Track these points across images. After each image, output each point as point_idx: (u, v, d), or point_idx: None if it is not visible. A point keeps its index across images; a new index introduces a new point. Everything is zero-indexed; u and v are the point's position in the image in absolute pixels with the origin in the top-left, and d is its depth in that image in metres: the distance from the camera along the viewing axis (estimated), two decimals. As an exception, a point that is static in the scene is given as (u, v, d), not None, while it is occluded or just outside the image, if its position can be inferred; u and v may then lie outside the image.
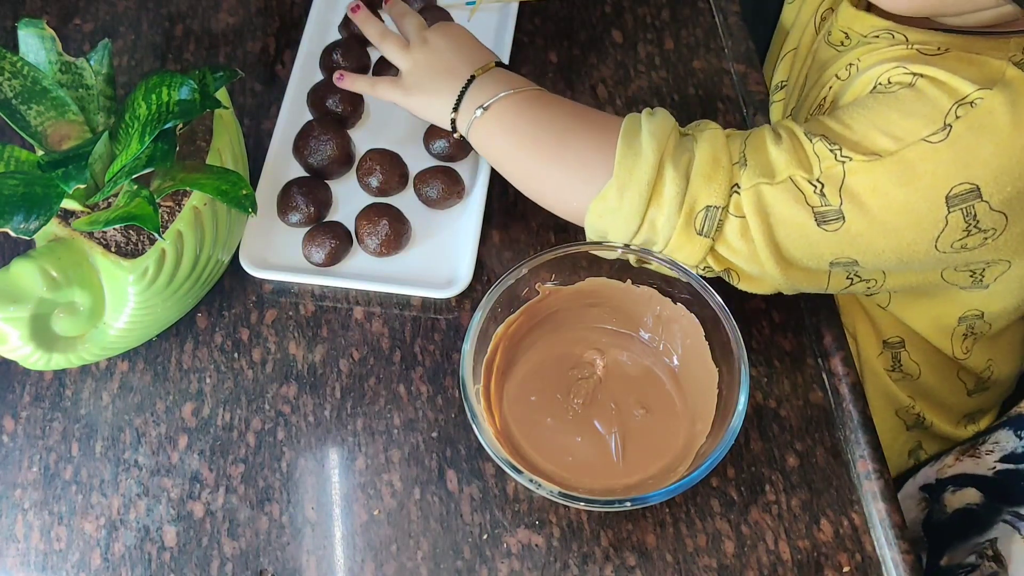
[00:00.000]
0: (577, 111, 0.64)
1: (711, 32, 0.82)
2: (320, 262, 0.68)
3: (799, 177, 0.56)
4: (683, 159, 0.58)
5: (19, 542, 0.61)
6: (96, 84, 0.62)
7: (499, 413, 0.61)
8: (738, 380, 0.55)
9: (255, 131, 0.76)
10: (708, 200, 0.57)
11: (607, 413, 0.61)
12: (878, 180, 0.55)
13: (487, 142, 0.64)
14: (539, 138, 0.62)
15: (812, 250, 0.57)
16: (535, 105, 0.63)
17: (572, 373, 0.62)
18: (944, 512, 0.73)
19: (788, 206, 0.56)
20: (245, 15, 0.83)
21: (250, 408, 0.65)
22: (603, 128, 0.61)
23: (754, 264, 0.58)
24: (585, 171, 0.60)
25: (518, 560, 0.60)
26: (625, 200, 0.58)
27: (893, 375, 0.77)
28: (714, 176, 0.57)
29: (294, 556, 0.60)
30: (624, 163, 0.58)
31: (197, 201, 0.60)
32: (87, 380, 0.66)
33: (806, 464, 0.63)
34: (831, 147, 0.55)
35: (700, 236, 0.58)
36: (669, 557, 0.60)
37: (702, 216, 0.57)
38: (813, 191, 0.56)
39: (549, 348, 0.64)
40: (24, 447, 0.64)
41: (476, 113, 0.63)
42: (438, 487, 0.62)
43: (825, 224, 0.56)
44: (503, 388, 0.62)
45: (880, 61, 0.60)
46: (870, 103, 0.57)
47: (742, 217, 0.57)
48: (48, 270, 0.56)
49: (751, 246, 0.57)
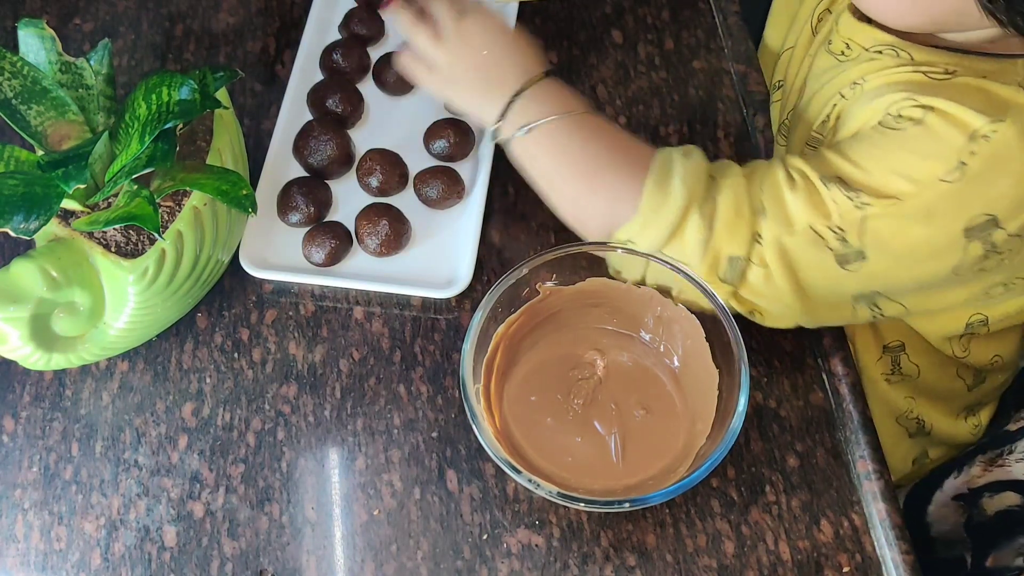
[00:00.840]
0: (617, 142, 0.63)
1: (711, 32, 0.82)
2: (320, 262, 0.68)
3: (819, 225, 0.56)
4: (707, 207, 0.57)
5: (19, 542, 0.61)
6: (96, 84, 0.62)
7: (499, 413, 0.61)
8: (738, 381, 0.55)
9: (255, 131, 0.76)
10: (731, 251, 0.57)
11: (607, 413, 0.61)
12: (898, 222, 0.55)
13: (525, 160, 0.64)
14: (576, 166, 0.62)
15: (836, 288, 0.58)
16: (579, 131, 0.62)
17: (572, 373, 0.62)
18: (985, 514, 0.73)
19: (810, 253, 0.56)
20: (245, 15, 0.83)
21: (250, 408, 0.65)
22: (639, 163, 0.60)
23: (779, 305, 0.59)
24: (616, 204, 0.60)
25: (518, 560, 0.60)
26: (647, 235, 0.58)
27: (892, 378, 0.77)
28: (736, 227, 0.57)
29: (294, 556, 0.60)
30: (651, 202, 0.58)
31: (197, 201, 0.60)
32: (87, 380, 0.66)
33: (806, 464, 0.63)
34: (848, 193, 0.55)
35: (722, 282, 0.58)
36: (669, 557, 0.60)
37: (725, 265, 0.57)
38: (834, 237, 0.56)
39: (550, 348, 0.64)
40: (24, 447, 0.64)
41: (519, 132, 0.62)
42: (438, 487, 0.62)
43: (847, 265, 0.56)
44: (503, 388, 0.62)
45: (887, 85, 0.59)
46: (881, 141, 0.57)
47: (764, 267, 0.57)
48: (48, 270, 0.56)
49: (775, 291, 0.58)
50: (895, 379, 0.77)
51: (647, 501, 0.54)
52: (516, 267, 0.60)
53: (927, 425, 0.79)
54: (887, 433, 0.81)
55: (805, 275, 0.57)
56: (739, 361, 0.56)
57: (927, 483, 0.80)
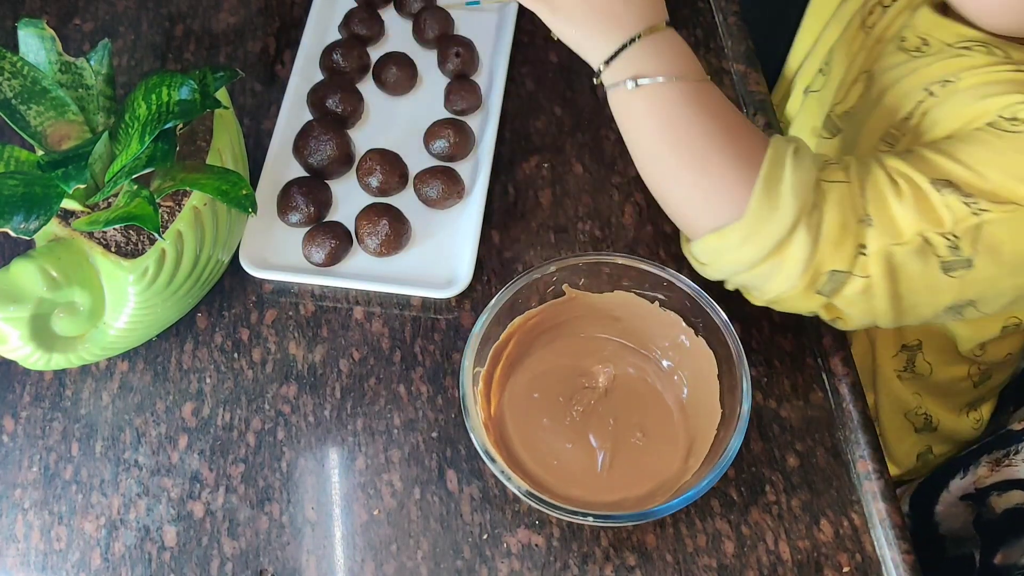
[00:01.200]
0: (731, 124, 0.57)
1: (711, 32, 0.82)
2: (320, 262, 0.68)
3: (929, 232, 0.53)
4: (814, 218, 0.54)
5: (19, 542, 0.61)
6: (96, 84, 0.62)
7: (497, 400, 0.61)
8: (735, 424, 0.55)
9: (255, 131, 0.76)
10: (834, 265, 0.54)
11: (604, 427, 0.61)
12: (1016, 228, 0.53)
13: (625, 116, 0.59)
14: (682, 142, 0.56)
15: (934, 298, 0.56)
16: (692, 102, 0.57)
17: (580, 380, 0.62)
18: (993, 512, 0.73)
19: (917, 263, 0.54)
20: (245, 15, 0.83)
21: (250, 408, 0.65)
22: (749, 157, 0.55)
23: (868, 316, 0.57)
24: (717, 201, 0.56)
25: (518, 560, 0.60)
26: (746, 249, 0.55)
27: (904, 375, 0.77)
28: (842, 242, 0.54)
29: (294, 556, 0.60)
30: (759, 213, 0.54)
31: (197, 201, 0.60)
32: (87, 380, 0.66)
33: (806, 464, 0.63)
34: (965, 199, 0.52)
35: (818, 295, 0.56)
36: (669, 557, 0.60)
37: (825, 279, 0.55)
38: (945, 244, 0.53)
39: (563, 351, 0.63)
40: (24, 447, 0.64)
41: (627, 84, 0.56)
42: (438, 487, 0.62)
43: (951, 272, 0.54)
44: (508, 379, 0.62)
45: (988, 84, 0.57)
46: (997, 144, 0.54)
47: (867, 277, 0.54)
48: (48, 270, 0.56)
49: (871, 301, 0.55)
50: (907, 376, 0.77)
51: (611, 520, 0.54)
52: (545, 264, 0.59)
53: (934, 421, 0.79)
54: (894, 427, 0.81)
55: (907, 284, 0.54)
56: (740, 403, 0.55)
57: (933, 482, 0.80)
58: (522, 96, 0.78)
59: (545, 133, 0.76)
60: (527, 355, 0.63)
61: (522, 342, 0.62)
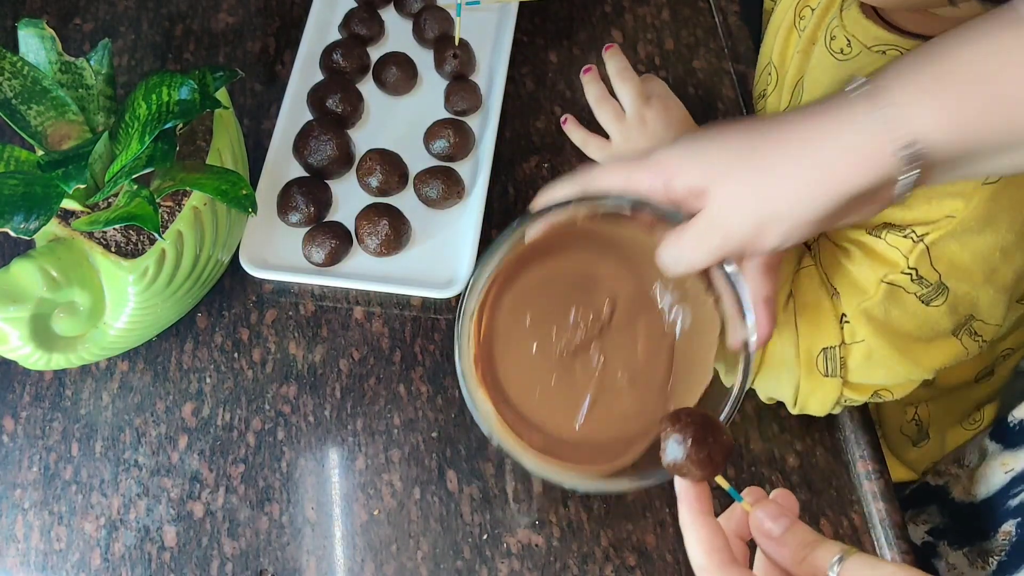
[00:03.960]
0: None
1: (711, 32, 0.82)
2: (320, 262, 0.68)
3: (890, 276, 0.55)
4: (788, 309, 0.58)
5: (19, 542, 0.61)
6: (96, 84, 0.62)
7: (488, 319, 0.54)
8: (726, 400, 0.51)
9: (255, 131, 0.76)
10: (823, 343, 0.57)
11: (590, 367, 0.54)
12: (961, 239, 0.54)
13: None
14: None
15: (932, 328, 0.57)
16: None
17: (581, 310, 0.55)
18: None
19: (895, 308, 0.56)
20: (245, 15, 0.83)
21: (250, 408, 0.65)
22: None
23: (892, 374, 0.58)
24: None
25: (518, 560, 0.60)
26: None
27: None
28: (819, 320, 0.57)
29: (294, 556, 0.60)
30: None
31: (197, 201, 0.60)
32: (87, 380, 0.66)
33: (806, 464, 0.63)
34: (902, 233, 0.54)
35: (828, 377, 0.58)
36: (669, 557, 0.60)
37: (822, 359, 0.57)
38: (909, 280, 0.55)
39: (572, 265, 0.56)
40: (24, 447, 0.64)
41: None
42: (438, 487, 0.62)
43: (933, 302, 0.56)
44: (503, 296, 0.55)
45: None
46: None
47: (861, 341, 0.57)
48: (48, 270, 0.56)
49: (880, 358, 0.57)
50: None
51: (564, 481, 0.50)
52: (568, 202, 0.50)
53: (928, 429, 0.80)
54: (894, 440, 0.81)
55: (900, 330, 0.56)
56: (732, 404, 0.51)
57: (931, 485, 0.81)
58: (522, 96, 0.78)
59: (545, 133, 0.76)
60: (529, 267, 0.55)
61: (526, 256, 0.54)
